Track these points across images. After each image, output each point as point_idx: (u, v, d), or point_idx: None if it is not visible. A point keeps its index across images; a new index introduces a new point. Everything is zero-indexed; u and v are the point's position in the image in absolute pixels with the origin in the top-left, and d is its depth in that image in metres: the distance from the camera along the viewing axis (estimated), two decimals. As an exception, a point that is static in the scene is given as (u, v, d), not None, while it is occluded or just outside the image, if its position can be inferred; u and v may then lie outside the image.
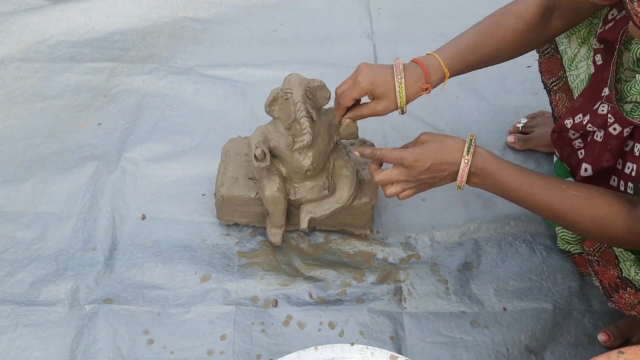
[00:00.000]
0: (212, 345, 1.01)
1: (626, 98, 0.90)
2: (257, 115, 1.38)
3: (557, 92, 1.19)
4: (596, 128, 0.99)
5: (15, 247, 1.13)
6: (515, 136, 1.32)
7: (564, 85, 1.16)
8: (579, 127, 1.03)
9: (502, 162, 0.90)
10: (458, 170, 0.90)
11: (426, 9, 1.70)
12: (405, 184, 0.94)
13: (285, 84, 1.02)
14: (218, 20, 1.66)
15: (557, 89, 1.18)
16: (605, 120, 0.96)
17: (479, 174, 0.90)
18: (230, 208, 1.13)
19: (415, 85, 0.98)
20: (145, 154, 1.30)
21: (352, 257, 1.13)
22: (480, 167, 0.89)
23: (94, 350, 0.99)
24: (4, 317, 1.03)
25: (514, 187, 0.88)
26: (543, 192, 0.88)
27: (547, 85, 1.20)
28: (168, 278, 1.09)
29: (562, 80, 1.16)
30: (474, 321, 1.04)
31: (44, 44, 1.56)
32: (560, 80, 1.17)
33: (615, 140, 0.94)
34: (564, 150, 1.10)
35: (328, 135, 1.06)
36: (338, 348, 0.88)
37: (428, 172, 0.91)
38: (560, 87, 1.18)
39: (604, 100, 0.98)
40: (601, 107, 0.98)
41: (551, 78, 1.18)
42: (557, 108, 1.19)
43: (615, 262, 0.97)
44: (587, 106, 1.02)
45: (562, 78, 1.16)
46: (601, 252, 0.99)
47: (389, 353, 0.88)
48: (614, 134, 0.94)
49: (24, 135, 1.34)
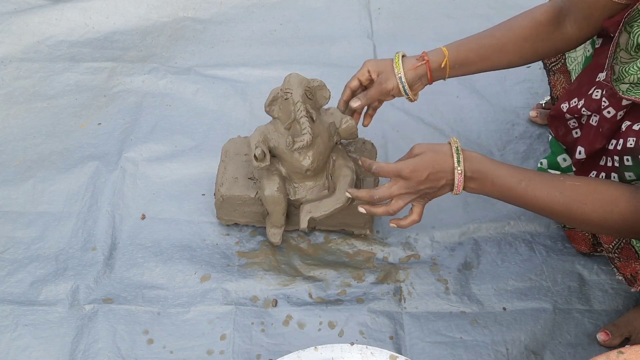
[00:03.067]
0: (212, 345, 1.01)
1: (624, 79, 0.90)
2: (257, 115, 1.38)
3: (555, 72, 1.21)
4: (590, 112, 1.00)
5: (15, 247, 1.13)
6: (537, 111, 1.35)
7: (562, 66, 1.19)
8: (574, 111, 1.05)
9: (496, 162, 0.90)
10: (454, 178, 0.89)
11: (426, 9, 1.70)
12: (407, 197, 0.93)
13: (285, 84, 1.02)
14: (218, 20, 1.66)
15: (556, 69, 1.20)
16: (599, 104, 0.97)
17: (475, 177, 0.89)
18: (230, 208, 1.13)
19: (413, 59, 1.02)
20: (145, 154, 1.30)
21: (352, 257, 1.13)
22: (475, 171, 0.89)
23: (94, 350, 0.99)
24: (4, 317, 1.03)
25: (512, 185, 0.88)
26: (542, 186, 0.87)
27: (546, 65, 1.22)
28: (168, 278, 1.09)
29: (560, 61, 1.18)
30: (473, 321, 1.04)
31: (44, 44, 1.56)
32: (559, 62, 1.18)
33: (608, 123, 0.95)
34: (559, 130, 1.12)
35: (328, 135, 1.06)
36: (338, 348, 0.88)
37: (426, 182, 0.90)
38: (558, 69, 1.20)
39: (598, 87, 0.99)
40: (595, 92, 0.99)
41: (551, 58, 1.20)
42: (555, 89, 1.21)
43: (635, 256, 0.97)
44: (581, 90, 1.04)
45: (561, 59, 1.18)
46: (621, 249, 0.99)
47: (389, 353, 0.88)
48: (607, 117, 0.95)
49: (24, 135, 1.34)
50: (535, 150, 1.31)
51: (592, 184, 0.87)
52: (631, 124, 0.91)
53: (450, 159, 0.89)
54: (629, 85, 0.89)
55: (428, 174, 0.89)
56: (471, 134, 1.35)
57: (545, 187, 0.87)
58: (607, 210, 0.84)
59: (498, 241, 1.15)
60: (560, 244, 1.14)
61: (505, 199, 0.91)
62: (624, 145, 0.90)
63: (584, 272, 1.10)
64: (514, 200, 0.90)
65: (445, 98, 1.43)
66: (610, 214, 0.84)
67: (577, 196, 0.85)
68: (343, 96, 1.08)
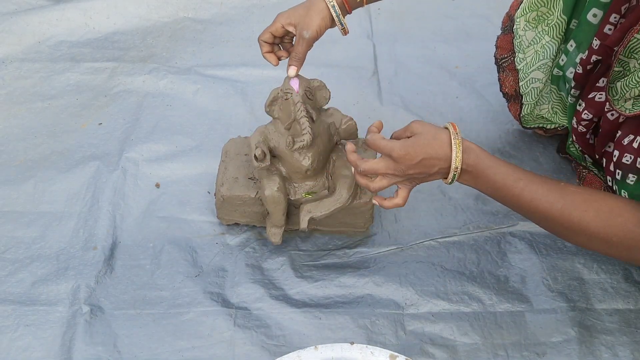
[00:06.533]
0: (212, 345, 1.01)
1: (625, 95, 0.89)
2: (257, 115, 1.38)
3: (505, 69, 1.21)
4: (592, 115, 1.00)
5: (16, 246, 1.13)
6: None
7: (511, 64, 1.19)
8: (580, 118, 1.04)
9: (495, 159, 0.86)
10: (449, 167, 0.85)
11: (426, 9, 1.70)
12: (393, 178, 0.88)
13: (285, 84, 1.02)
14: (218, 21, 1.66)
15: (506, 66, 1.21)
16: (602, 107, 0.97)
17: (471, 171, 0.85)
18: (230, 208, 1.13)
19: None
20: (146, 154, 1.30)
21: (352, 257, 1.13)
22: (472, 165, 0.85)
23: (94, 350, 0.99)
24: (5, 317, 1.03)
25: (509, 183, 0.84)
26: (541, 189, 0.83)
27: (497, 60, 1.22)
28: (168, 278, 1.09)
29: (510, 59, 1.19)
30: (473, 321, 1.04)
31: (44, 44, 1.56)
32: (509, 59, 1.19)
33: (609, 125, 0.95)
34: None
35: (328, 135, 1.06)
36: (338, 348, 0.88)
37: (417, 167, 0.85)
38: (507, 66, 1.20)
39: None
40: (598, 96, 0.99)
41: (503, 54, 1.21)
42: (504, 85, 1.22)
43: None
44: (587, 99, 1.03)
45: (511, 57, 1.19)
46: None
47: (389, 353, 0.88)
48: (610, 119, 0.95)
49: (24, 135, 1.35)
50: (535, 150, 1.31)
51: (595, 192, 0.83)
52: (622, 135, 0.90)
53: (448, 147, 0.84)
54: (632, 100, 0.88)
55: (421, 158, 0.84)
56: (471, 134, 1.35)
57: (544, 189, 0.83)
58: (609, 219, 0.80)
59: (498, 241, 1.15)
60: (560, 243, 1.14)
61: (499, 198, 0.87)
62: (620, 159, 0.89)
63: (583, 271, 1.10)
64: (509, 200, 0.86)
65: (445, 98, 1.43)
66: (611, 224, 0.79)
67: (578, 203, 0.81)
68: (262, 49, 1.04)
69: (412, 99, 1.43)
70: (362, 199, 1.09)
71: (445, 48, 1.56)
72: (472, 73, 1.50)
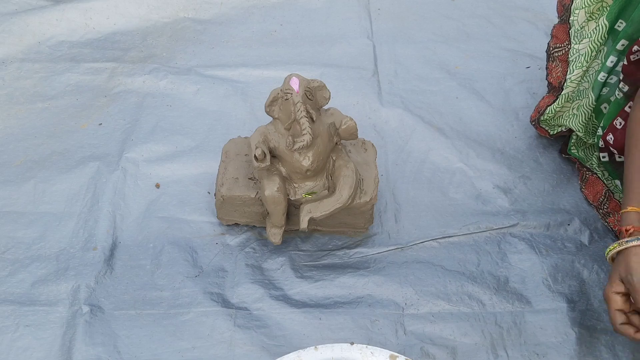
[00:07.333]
0: (212, 346, 1.01)
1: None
2: (257, 115, 1.38)
3: (555, 59, 1.21)
4: None
5: (16, 247, 1.14)
6: None
7: (564, 55, 1.19)
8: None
9: None
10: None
11: (426, 9, 1.70)
12: None
13: (285, 84, 1.02)
14: (218, 21, 1.66)
15: (557, 56, 1.21)
16: None
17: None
18: (230, 208, 1.13)
19: None
20: (146, 154, 1.30)
21: (352, 257, 1.13)
22: None
23: (94, 351, 0.99)
24: (5, 318, 1.03)
25: None
26: None
27: (549, 48, 1.22)
28: (168, 278, 1.09)
29: (564, 49, 1.19)
30: (473, 321, 1.04)
31: (44, 45, 1.56)
32: (562, 49, 1.19)
33: None
34: None
35: (328, 135, 1.06)
36: (338, 348, 0.88)
37: None
38: (560, 56, 1.20)
39: None
40: None
41: (557, 44, 1.21)
42: (551, 75, 1.22)
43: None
44: None
45: (565, 48, 1.19)
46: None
47: (389, 353, 0.88)
48: None
49: (24, 135, 1.35)
50: (535, 150, 1.31)
51: None
52: None
53: None
54: None
55: None
56: (471, 134, 1.35)
57: None
58: None
59: (498, 241, 1.15)
60: (560, 244, 1.15)
61: None
62: None
63: (583, 272, 1.10)
64: None
65: (445, 98, 1.43)
66: None
67: None
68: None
69: (412, 99, 1.43)
70: (362, 199, 1.09)
71: (445, 48, 1.56)
72: (472, 73, 1.50)
